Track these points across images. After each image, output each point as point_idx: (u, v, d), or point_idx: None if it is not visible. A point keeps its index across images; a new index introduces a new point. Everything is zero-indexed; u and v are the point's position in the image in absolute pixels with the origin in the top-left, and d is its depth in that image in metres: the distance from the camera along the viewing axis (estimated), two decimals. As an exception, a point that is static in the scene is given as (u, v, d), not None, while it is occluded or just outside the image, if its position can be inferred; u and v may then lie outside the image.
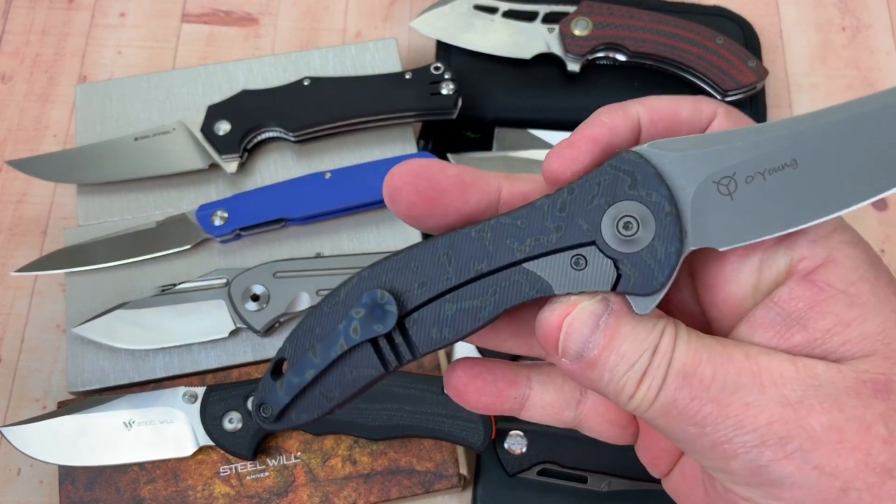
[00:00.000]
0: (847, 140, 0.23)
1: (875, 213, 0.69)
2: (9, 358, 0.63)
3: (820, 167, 0.23)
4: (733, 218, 0.24)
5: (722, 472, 0.25)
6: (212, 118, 0.64)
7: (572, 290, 0.25)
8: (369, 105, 0.65)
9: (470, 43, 0.70)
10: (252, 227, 0.62)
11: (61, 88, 0.74)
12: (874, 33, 0.76)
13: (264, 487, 0.55)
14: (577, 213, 0.24)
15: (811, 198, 0.23)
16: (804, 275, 0.25)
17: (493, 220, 0.25)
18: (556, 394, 0.30)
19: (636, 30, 0.68)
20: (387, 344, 0.26)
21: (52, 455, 0.54)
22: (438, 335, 0.25)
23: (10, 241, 0.67)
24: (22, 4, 0.77)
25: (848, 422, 0.23)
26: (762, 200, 0.24)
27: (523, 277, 0.25)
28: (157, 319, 0.58)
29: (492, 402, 0.29)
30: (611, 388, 0.25)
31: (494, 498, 0.55)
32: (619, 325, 0.24)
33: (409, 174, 0.25)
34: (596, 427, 0.30)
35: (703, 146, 0.24)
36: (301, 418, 0.27)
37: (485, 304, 0.25)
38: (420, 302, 0.26)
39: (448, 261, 0.25)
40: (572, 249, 0.25)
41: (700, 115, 0.26)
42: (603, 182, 0.24)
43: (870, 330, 0.24)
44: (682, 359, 0.24)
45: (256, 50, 0.76)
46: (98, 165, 0.64)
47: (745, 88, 0.67)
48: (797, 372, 0.23)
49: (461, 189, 0.26)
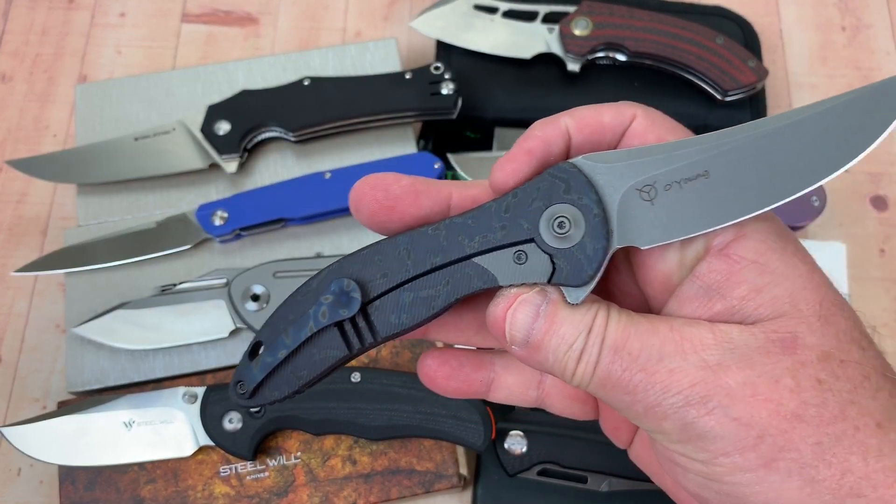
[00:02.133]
0: (752, 154, 0.27)
1: (875, 212, 0.69)
2: (9, 358, 0.63)
3: (728, 178, 0.27)
4: (654, 221, 0.27)
5: (658, 433, 0.27)
6: (212, 118, 0.64)
7: (515, 282, 0.28)
8: (369, 105, 0.65)
9: (470, 43, 0.70)
10: (252, 227, 0.62)
11: (61, 88, 0.73)
12: (874, 33, 0.76)
13: (264, 487, 0.55)
14: (519, 214, 0.28)
15: (721, 205, 0.27)
16: (719, 249, 0.28)
17: (448, 220, 0.29)
18: (519, 375, 0.33)
19: (636, 30, 0.68)
20: (351, 328, 0.29)
21: (52, 455, 0.54)
22: (397, 320, 0.29)
23: (10, 241, 0.67)
24: (22, 4, 0.77)
25: (759, 377, 0.26)
26: (679, 206, 0.27)
27: (473, 270, 0.28)
28: (157, 319, 0.58)
29: (460, 386, 0.32)
30: (556, 367, 0.28)
31: (494, 498, 0.55)
32: (557, 311, 0.27)
33: (368, 186, 0.29)
34: (558, 404, 0.34)
35: (628, 159, 0.28)
36: (273, 395, 0.30)
37: (438, 293, 0.28)
38: (382, 291, 0.29)
39: (407, 255, 0.29)
40: (515, 246, 0.28)
41: (621, 117, 0.30)
42: (542, 188, 0.28)
43: (779, 294, 0.27)
44: (613, 336, 0.27)
45: (256, 50, 0.76)
46: (98, 165, 0.64)
47: (745, 88, 0.67)
48: (714, 338, 0.26)
49: (414, 196, 0.29)
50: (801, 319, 0.27)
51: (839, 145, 0.26)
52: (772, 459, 0.25)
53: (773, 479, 0.25)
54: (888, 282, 0.66)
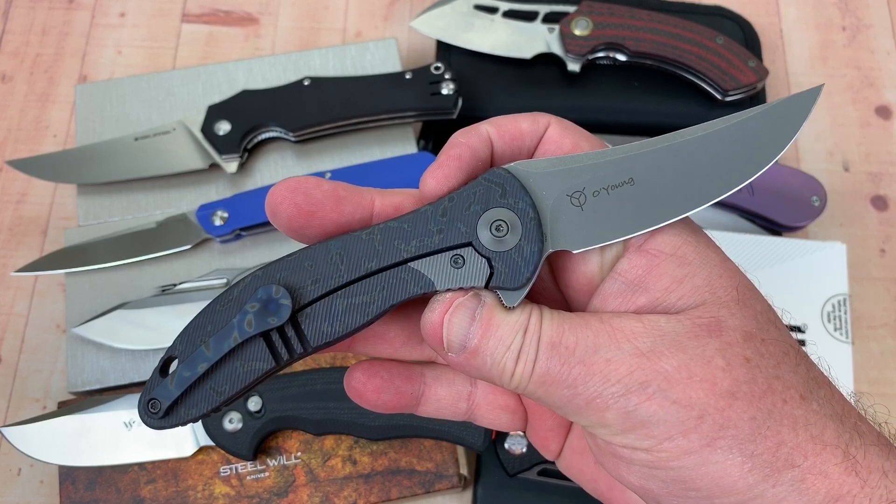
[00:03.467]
0: (672, 162, 0.28)
1: (875, 212, 0.69)
2: (9, 358, 0.63)
3: (652, 184, 0.28)
4: (584, 226, 0.28)
5: (599, 426, 0.28)
6: (212, 118, 0.64)
7: (452, 287, 0.28)
8: (369, 105, 0.65)
9: (470, 43, 0.70)
10: (252, 227, 0.62)
11: (61, 88, 0.74)
12: (874, 33, 0.76)
13: (264, 487, 0.55)
14: (456, 217, 0.28)
15: (646, 210, 0.28)
16: (638, 246, 0.29)
17: (383, 223, 0.28)
18: (448, 388, 0.33)
19: (636, 30, 0.68)
20: (279, 338, 0.27)
21: (52, 455, 0.54)
22: (329, 329, 0.28)
23: (11, 241, 0.67)
24: (22, 4, 0.77)
25: (692, 360, 0.26)
26: (607, 211, 0.28)
27: (409, 275, 0.28)
28: (157, 319, 0.58)
29: (390, 400, 0.32)
30: (494, 370, 0.28)
31: (494, 498, 0.55)
32: (492, 314, 0.28)
33: (287, 190, 0.28)
34: (487, 415, 0.34)
35: (559, 166, 0.29)
36: (190, 413, 0.28)
37: (373, 299, 0.28)
38: (313, 297, 0.28)
39: (340, 259, 0.28)
40: (452, 250, 0.28)
41: (537, 125, 0.31)
42: (478, 192, 0.28)
43: (698, 283, 0.28)
44: (548, 333, 0.27)
45: (256, 50, 0.76)
46: (98, 165, 0.64)
47: (746, 88, 0.67)
48: (644, 327, 0.27)
49: (335, 202, 0.29)
50: (722, 305, 0.28)
51: (750, 155, 0.28)
52: (714, 438, 0.26)
53: (716, 458, 0.26)
54: (888, 282, 0.66)
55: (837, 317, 0.60)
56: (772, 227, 0.65)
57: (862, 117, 0.73)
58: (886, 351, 0.64)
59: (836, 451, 0.26)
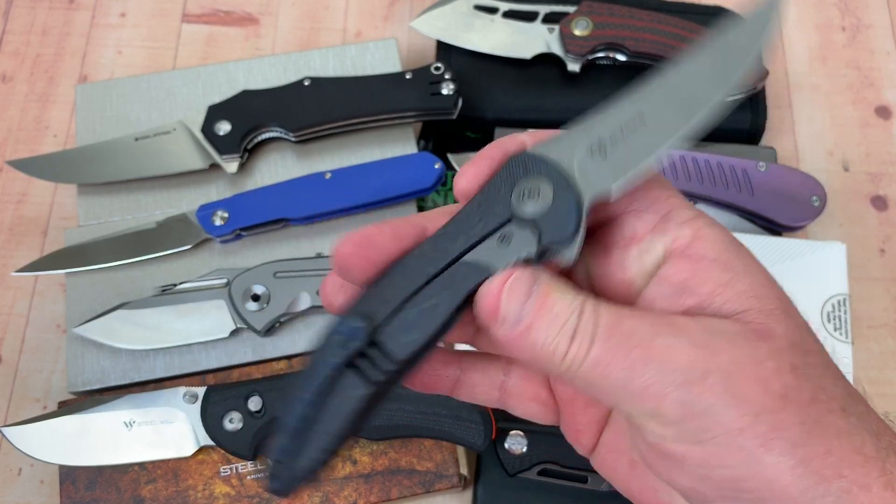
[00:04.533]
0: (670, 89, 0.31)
1: (875, 212, 0.69)
2: (9, 358, 0.63)
3: (657, 113, 0.30)
4: (612, 170, 0.29)
5: (653, 416, 0.27)
6: (212, 118, 0.64)
7: (508, 263, 0.29)
8: (369, 105, 0.65)
9: (470, 43, 0.70)
10: (252, 227, 0.62)
11: (61, 88, 0.74)
12: (874, 33, 0.76)
13: (265, 487, 0.55)
14: (491, 203, 0.29)
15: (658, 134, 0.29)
16: (680, 252, 0.29)
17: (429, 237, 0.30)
18: (483, 374, 0.34)
19: (636, 30, 0.68)
20: (365, 361, 0.28)
21: (52, 455, 0.54)
22: (408, 338, 0.28)
23: (11, 241, 0.67)
24: (22, 4, 0.77)
25: (746, 358, 0.26)
26: (628, 150, 0.29)
27: (465, 267, 0.29)
28: (157, 319, 0.58)
29: (429, 382, 0.33)
30: (545, 350, 0.28)
31: (495, 498, 0.55)
32: (549, 290, 0.28)
33: (355, 245, 0.29)
34: (518, 405, 0.34)
35: (572, 130, 0.30)
36: (311, 462, 0.28)
37: (440, 300, 0.28)
38: (386, 315, 0.28)
39: (400, 278, 0.29)
40: (497, 231, 0.29)
41: None
42: (503, 175, 0.30)
43: (743, 288, 0.28)
44: (606, 316, 0.27)
45: (256, 50, 0.76)
46: (98, 165, 0.64)
47: (745, 88, 0.67)
48: (698, 323, 0.27)
49: (398, 242, 0.30)
50: (767, 312, 0.28)
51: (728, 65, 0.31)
52: (768, 439, 0.26)
53: (769, 459, 0.26)
54: (888, 282, 0.66)
55: (837, 317, 0.60)
56: (771, 228, 0.65)
57: (862, 117, 0.73)
58: (886, 351, 0.64)
59: (876, 465, 0.26)
